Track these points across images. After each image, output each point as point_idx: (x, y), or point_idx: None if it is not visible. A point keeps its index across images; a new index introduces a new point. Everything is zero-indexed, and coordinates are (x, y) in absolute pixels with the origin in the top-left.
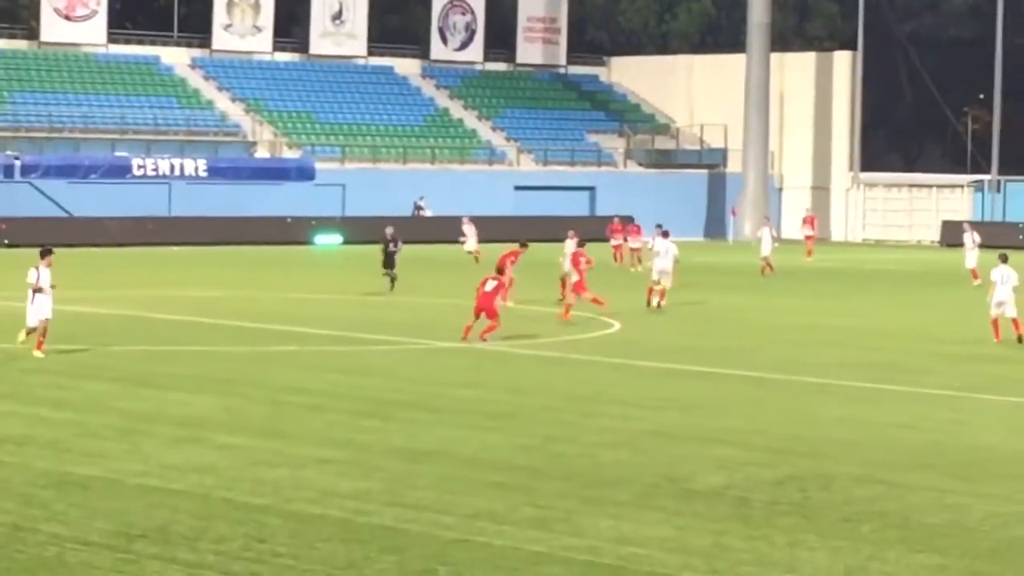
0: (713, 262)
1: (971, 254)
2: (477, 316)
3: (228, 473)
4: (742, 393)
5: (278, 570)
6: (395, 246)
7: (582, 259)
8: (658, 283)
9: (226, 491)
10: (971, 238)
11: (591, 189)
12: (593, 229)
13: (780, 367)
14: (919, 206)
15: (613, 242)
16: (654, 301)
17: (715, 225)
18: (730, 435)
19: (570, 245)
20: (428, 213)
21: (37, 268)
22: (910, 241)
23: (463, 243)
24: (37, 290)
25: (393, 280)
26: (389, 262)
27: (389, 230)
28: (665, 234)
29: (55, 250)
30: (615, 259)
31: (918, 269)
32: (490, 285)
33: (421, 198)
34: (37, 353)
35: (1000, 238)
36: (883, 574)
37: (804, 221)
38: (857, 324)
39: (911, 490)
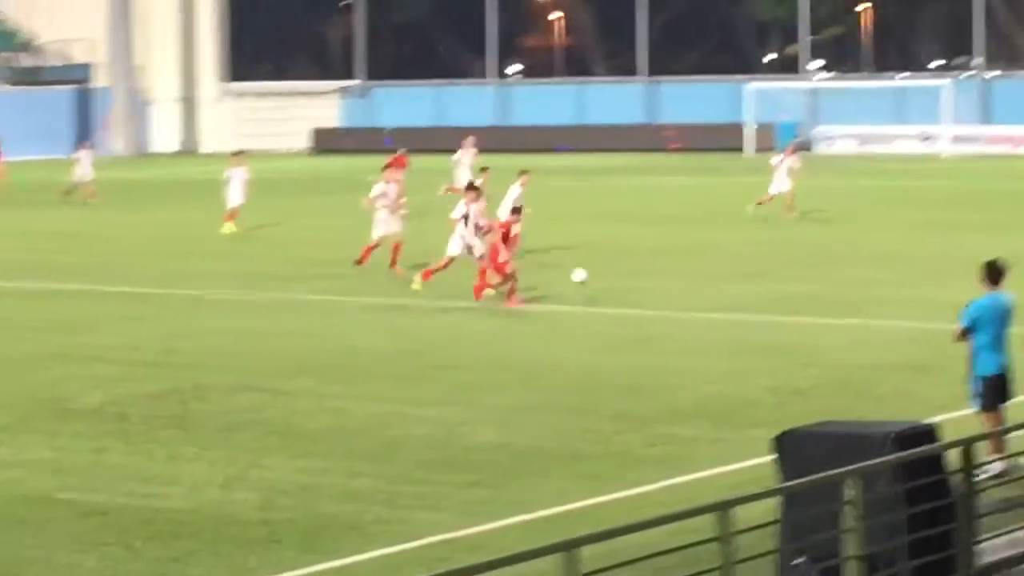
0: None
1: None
2: None
3: None
4: (118, 310)
5: None
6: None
7: None
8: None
9: None
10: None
11: None
12: None
13: (156, 281)
14: (290, 115)
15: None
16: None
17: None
18: (108, 352)
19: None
20: None
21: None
22: (281, 149)
23: None
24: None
25: None
26: None
27: None
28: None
29: None
30: None
31: (290, 177)
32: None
33: None
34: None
35: (369, 143)
36: (263, 481)
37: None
38: (214, 233)
39: (293, 396)
